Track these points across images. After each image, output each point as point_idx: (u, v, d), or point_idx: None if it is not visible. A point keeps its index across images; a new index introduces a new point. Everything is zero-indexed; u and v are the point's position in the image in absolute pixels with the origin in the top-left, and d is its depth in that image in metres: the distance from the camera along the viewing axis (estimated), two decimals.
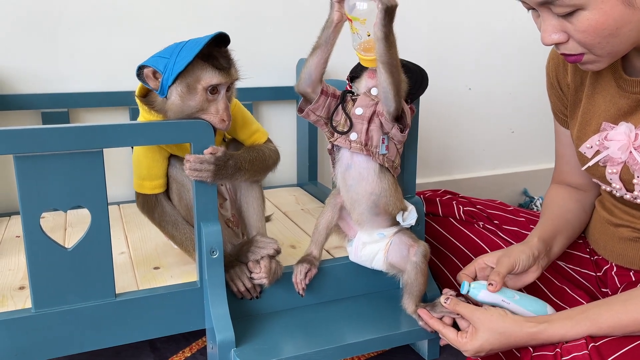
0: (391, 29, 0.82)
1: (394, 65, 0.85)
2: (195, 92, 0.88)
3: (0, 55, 1.29)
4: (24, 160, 0.80)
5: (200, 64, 0.88)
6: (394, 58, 0.84)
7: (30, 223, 0.82)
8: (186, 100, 0.89)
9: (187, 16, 1.41)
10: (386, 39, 0.82)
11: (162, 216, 1.00)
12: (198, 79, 0.88)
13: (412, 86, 0.95)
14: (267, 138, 1.04)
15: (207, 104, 0.90)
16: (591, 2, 0.73)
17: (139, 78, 0.91)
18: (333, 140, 0.94)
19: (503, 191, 1.91)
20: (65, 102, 1.34)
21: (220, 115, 0.90)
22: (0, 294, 0.94)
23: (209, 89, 0.89)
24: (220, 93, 0.90)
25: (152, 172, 0.97)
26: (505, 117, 1.90)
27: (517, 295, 0.92)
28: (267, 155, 1.00)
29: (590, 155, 0.92)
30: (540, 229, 1.01)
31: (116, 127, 0.83)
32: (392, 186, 0.96)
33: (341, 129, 0.93)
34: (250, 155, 0.96)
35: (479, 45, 1.78)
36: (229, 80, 0.90)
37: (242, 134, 1.02)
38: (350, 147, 0.92)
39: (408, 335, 0.99)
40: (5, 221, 1.28)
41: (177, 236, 1.00)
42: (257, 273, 0.96)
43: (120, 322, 0.90)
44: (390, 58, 0.84)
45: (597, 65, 0.82)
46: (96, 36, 1.35)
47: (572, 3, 0.74)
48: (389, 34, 0.82)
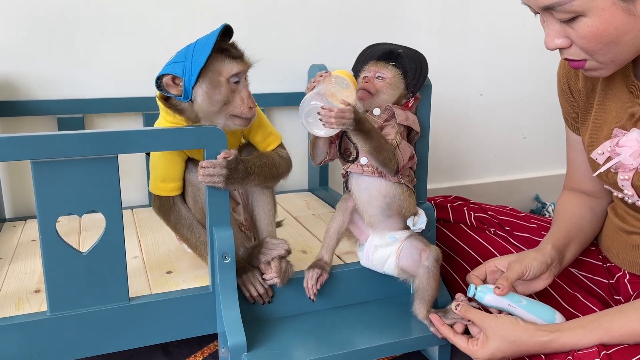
0: (362, 126, 0.87)
1: (374, 148, 0.90)
2: (220, 85, 0.91)
3: (18, 62, 1.32)
4: (41, 166, 0.81)
5: (218, 57, 0.90)
6: (373, 142, 0.89)
7: (47, 227, 0.83)
8: (213, 95, 0.91)
9: (199, 23, 1.42)
10: (360, 134, 0.88)
11: (177, 219, 1.01)
12: (219, 72, 0.90)
13: (411, 79, 0.97)
14: (280, 142, 1.05)
15: (232, 95, 0.92)
16: (592, 9, 0.73)
17: (160, 89, 0.93)
18: (346, 168, 0.98)
19: (515, 197, 1.91)
20: (80, 108, 1.36)
21: (247, 102, 0.92)
22: (16, 297, 0.95)
23: (231, 79, 0.91)
24: (241, 82, 0.93)
25: (170, 174, 0.98)
26: (516, 123, 1.89)
27: (524, 300, 0.92)
28: (277, 162, 1.01)
29: (602, 162, 0.92)
30: (553, 236, 1.01)
31: (131, 134, 0.84)
32: (406, 191, 0.97)
33: (351, 158, 0.97)
34: (261, 161, 0.97)
35: (490, 51, 1.78)
36: (247, 67, 0.93)
37: (257, 136, 1.03)
38: (363, 171, 0.96)
39: (419, 341, 0.99)
40: (21, 225, 1.30)
41: (191, 239, 1.01)
42: (268, 274, 0.96)
43: (133, 326, 0.91)
44: (369, 146, 0.90)
45: (600, 72, 0.82)
46: (111, 43, 1.37)
47: (573, 9, 0.74)
48: (361, 130, 0.88)
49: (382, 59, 0.98)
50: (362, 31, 1.59)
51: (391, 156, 0.91)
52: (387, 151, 0.91)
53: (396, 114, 0.95)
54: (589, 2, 0.73)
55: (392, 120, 0.96)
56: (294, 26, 1.52)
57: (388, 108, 0.96)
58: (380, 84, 0.96)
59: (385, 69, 0.97)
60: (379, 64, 0.97)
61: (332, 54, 1.56)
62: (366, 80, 0.97)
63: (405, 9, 1.64)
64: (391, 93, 0.97)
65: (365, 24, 1.59)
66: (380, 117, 0.96)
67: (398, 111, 0.96)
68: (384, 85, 0.96)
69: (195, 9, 1.42)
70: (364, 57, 1.02)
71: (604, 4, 0.73)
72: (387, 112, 0.96)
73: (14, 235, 1.24)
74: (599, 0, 0.73)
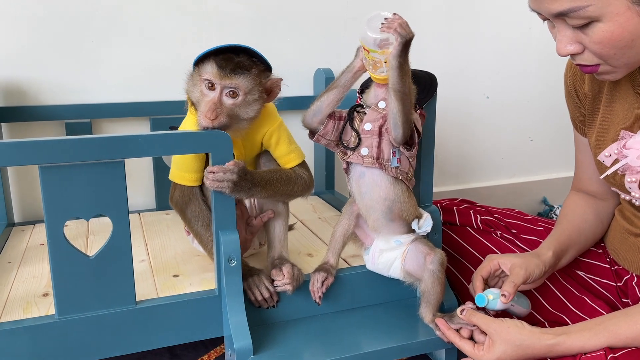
0: (406, 58, 0.85)
1: (405, 94, 0.87)
2: (195, 84, 0.94)
3: (26, 68, 1.33)
4: (49, 170, 0.82)
5: (209, 61, 0.92)
6: (406, 86, 0.87)
7: (55, 231, 0.84)
8: (192, 90, 0.95)
9: (206, 29, 1.43)
10: (400, 68, 0.85)
11: (194, 212, 1.01)
12: (200, 72, 0.93)
13: (421, 91, 0.96)
14: (301, 162, 1.05)
15: (202, 97, 0.93)
16: (606, 14, 0.73)
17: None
18: (346, 158, 0.96)
19: (522, 200, 1.90)
20: (88, 113, 1.37)
21: (204, 111, 0.92)
22: (24, 300, 0.96)
23: (206, 82, 0.92)
24: (216, 91, 0.92)
25: (192, 165, 0.99)
26: (523, 125, 1.88)
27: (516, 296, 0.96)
28: (292, 180, 1.01)
29: (609, 164, 0.92)
30: (555, 241, 1.01)
31: (137, 138, 0.85)
32: (406, 192, 0.96)
33: (351, 146, 0.95)
34: (270, 175, 0.98)
35: (496, 53, 1.78)
36: (222, 80, 0.91)
37: (278, 150, 1.04)
38: (363, 162, 0.94)
39: (425, 344, 0.98)
40: (30, 229, 1.31)
41: (203, 236, 1.01)
42: (279, 280, 0.97)
43: (140, 329, 0.92)
44: (402, 86, 0.86)
45: (613, 75, 0.82)
46: (118, 49, 1.38)
47: (587, 15, 0.73)
48: (404, 63, 0.85)
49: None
50: None
51: (410, 115, 0.90)
52: (410, 105, 0.89)
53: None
54: (604, 8, 0.72)
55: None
56: (299, 31, 1.53)
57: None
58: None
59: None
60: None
61: (338, 58, 1.56)
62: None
63: (411, 12, 1.64)
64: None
65: None
66: (386, 109, 0.95)
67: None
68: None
69: (202, 16, 1.43)
70: None
71: (619, 9, 0.72)
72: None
73: (23, 239, 1.25)
74: (613, 5, 0.72)
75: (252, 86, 0.93)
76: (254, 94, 0.94)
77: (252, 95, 0.94)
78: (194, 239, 1.06)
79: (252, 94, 0.94)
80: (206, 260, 1.09)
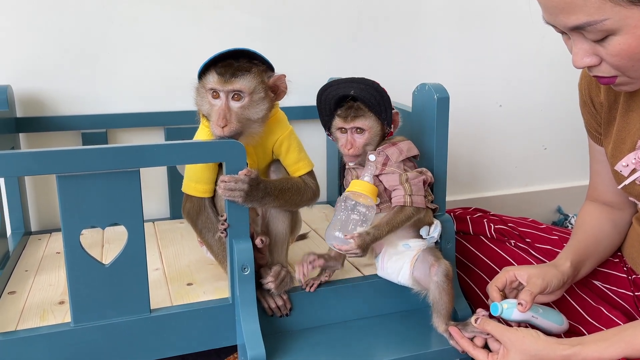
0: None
1: (394, 227, 0.94)
2: (203, 95, 0.95)
3: (43, 79, 1.35)
4: (66, 180, 0.83)
5: (210, 71, 0.93)
6: (392, 228, 0.94)
7: (71, 240, 0.85)
8: (201, 103, 0.96)
9: (218, 39, 1.45)
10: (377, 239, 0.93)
11: (205, 223, 1.02)
12: (204, 83, 0.94)
13: (381, 111, 0.98)
14: (310, 170, 1.06)
15: (211, 108, 0.94)
16: (623, 27, 0.72)
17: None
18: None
19: (536, 209, 1.88)
20: (103, 123, 1.39)
21: (215, 120, 0.92)
22: (41, 308, 0.97)
23: (211, 92, 0.93)
24: (221, 99, 0.93)
25: (203, 176, 1.00)
26: (537, 134, 1.87)
27: (540, 309, 0.93)
28: (302, 189, 1.02)
29: (627, 174, 0.91)
30: (572, 251, 1.00)
31: (152, 148, 0.86)
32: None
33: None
34: (283, 184, 0.98)
35: (509, 62, 1.77)
36: (225, 87, 0.92)
37: (288, 159, 1.05)
38: (380, 210, 0.98)
39: (439, 354, 0.98)
40: (46, 238, 1.33)
41: (214, 246, 1.02)
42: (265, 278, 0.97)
43: (154, 337, 0.92)
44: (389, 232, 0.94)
45: (631, 86, 0.81)
46: (133, 60, 1.40)
47: (605, 28, 0.73)
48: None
49: (345, 112, 0.97)
50: (379, 44, 1.60)
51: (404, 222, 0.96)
52: (401, 223, 0.95)
53: (390, 157, 0.97)
54: (621, 21, 0.72)
55: (388, 162, 0.97)
56: (312, 39, 1.54)
57: (381, 152, 0.98)
58: (360, 140, 0.98)
59: (355, 121, 0.97)
60: (346, 120, 0.97)
61: (350, 66, 1.57)
62: (345, 144, 0.98)
63: (423, 21, 1.64)
64: (374, 138, 0.99)
65: (382, 37, 1.60)
66: (377, 161, 0.97)
67: (390, 152, 0.97)
68: (366, 138, 0.98)
69: (214, 26, 1.44)
70: (324, 110, 1.02)
71: (636, 22, 0.71)
72: (381, 155, 0.98)
73: (40, 248, 1.27)
74: (631, 18, 0.71)
75: (254, 85, 0.94)
76: (258, 92, 0.95)
77: (257, 95, 0.95)
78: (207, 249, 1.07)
79: (256, 93, 0.94)
80: (220, 269, 1.10)
